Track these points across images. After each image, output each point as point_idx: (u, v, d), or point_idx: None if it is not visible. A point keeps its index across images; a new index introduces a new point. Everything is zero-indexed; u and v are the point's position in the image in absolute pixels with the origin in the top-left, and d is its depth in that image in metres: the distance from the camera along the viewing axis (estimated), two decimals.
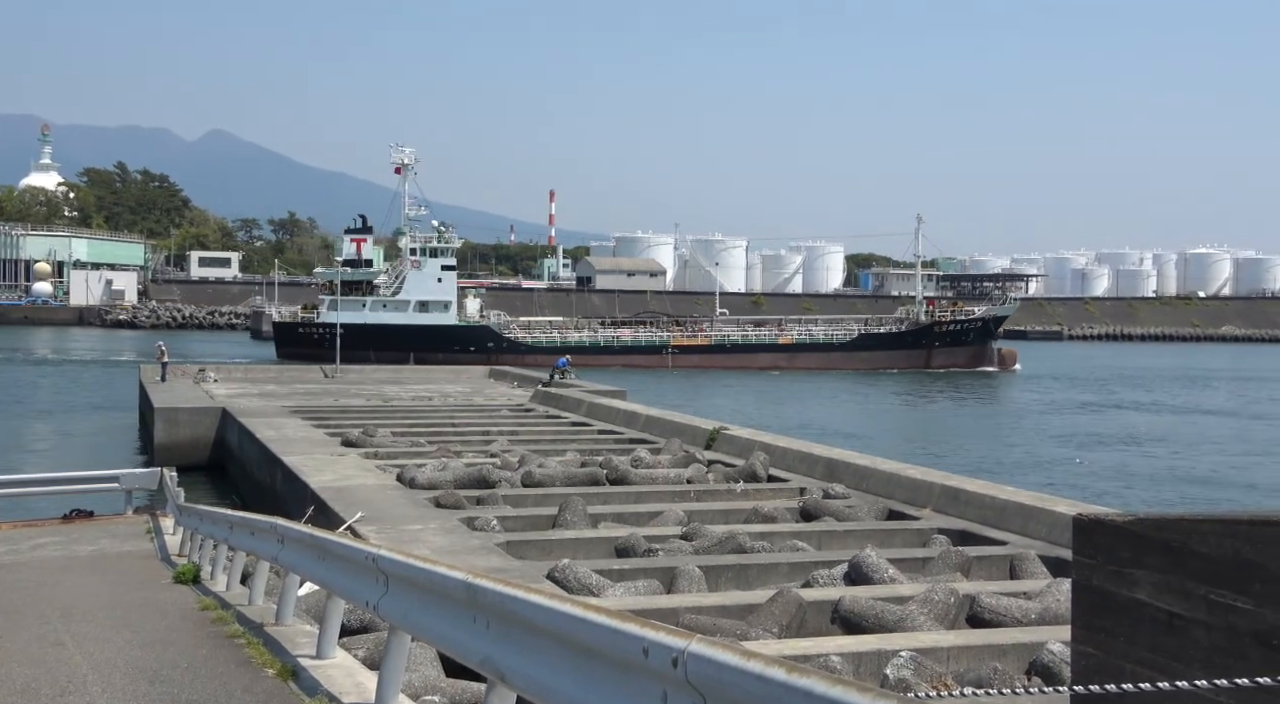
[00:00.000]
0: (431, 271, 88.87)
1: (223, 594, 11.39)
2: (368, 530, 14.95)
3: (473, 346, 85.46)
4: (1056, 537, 14.34)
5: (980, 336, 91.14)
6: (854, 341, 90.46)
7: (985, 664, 9.85)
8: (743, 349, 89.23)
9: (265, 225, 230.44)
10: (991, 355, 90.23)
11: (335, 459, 22.51)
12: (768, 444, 22.92)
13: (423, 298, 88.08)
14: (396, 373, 51.20)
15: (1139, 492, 32.59)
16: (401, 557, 6.56)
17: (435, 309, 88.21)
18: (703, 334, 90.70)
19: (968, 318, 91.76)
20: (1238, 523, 4.49)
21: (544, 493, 18.96)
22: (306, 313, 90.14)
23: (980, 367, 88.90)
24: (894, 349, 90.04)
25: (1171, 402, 64.27)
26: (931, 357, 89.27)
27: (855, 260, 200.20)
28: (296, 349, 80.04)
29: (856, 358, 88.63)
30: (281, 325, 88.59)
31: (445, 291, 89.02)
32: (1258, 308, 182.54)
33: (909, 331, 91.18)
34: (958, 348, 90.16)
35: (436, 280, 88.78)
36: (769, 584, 13.05)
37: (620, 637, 3.72)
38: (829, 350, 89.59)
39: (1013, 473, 34.34)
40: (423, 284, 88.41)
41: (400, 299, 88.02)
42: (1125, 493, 32.08)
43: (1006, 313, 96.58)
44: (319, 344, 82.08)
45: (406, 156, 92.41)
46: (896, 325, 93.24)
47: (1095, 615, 5.15)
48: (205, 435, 33.63)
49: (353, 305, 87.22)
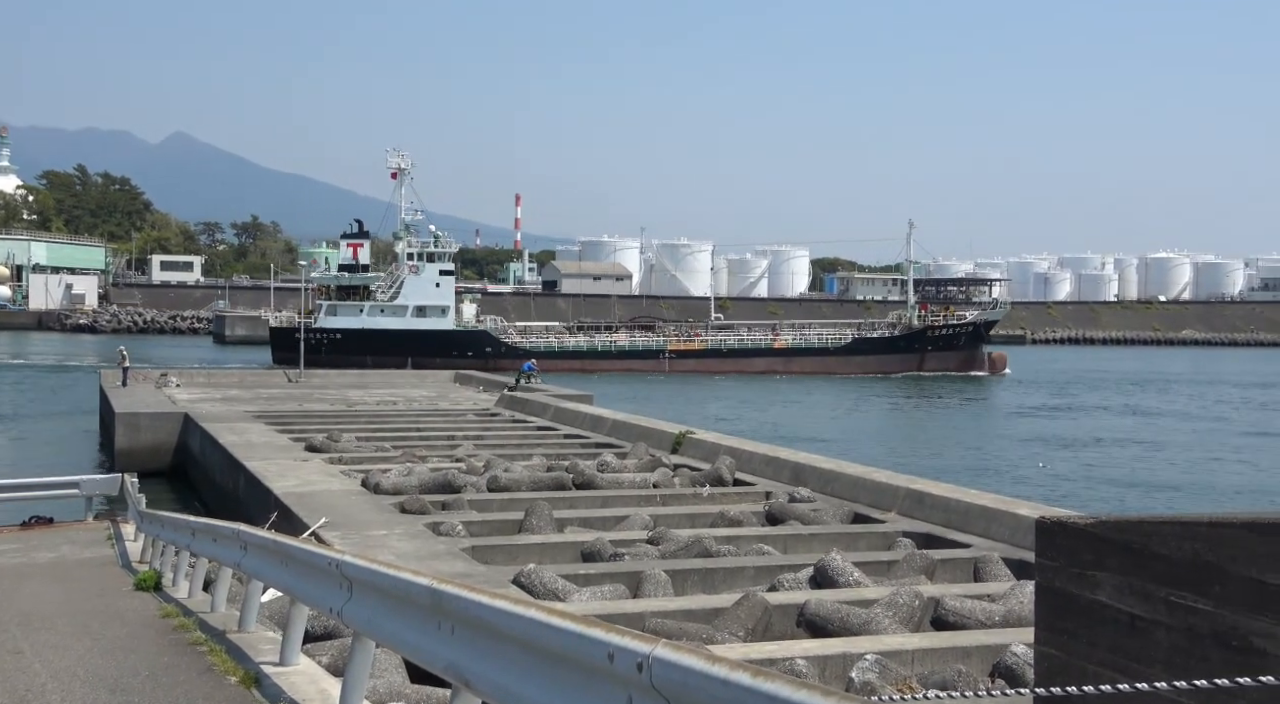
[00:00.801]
0: (429, 276, 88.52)
1: (185, 601, 11.29)
2: (332, 536, 14.86)
3: (470, 351, 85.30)
4: (1019, 539, 14.44)
5: (971, 341, 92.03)
6: (849, 346, 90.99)
7: (950, 666, 9.91)
8: (739, 353, 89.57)
9: (228, 229, 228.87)
10: (982, 359, 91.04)
11: (299, 464, 22.37)
12: (734, 448, 22.96)
13: (420, 303, 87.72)
14: (361, 377, 50.94)
15: (1111, 494, 32.89)
16: (365, 562, 6.52)
17: (433, 314, 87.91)
18: (699, 338, 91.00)
19: (959, 322, 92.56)
20: (1197, 525, 4.53)
21: (509, 498, 18.90)
22: (304, 318, 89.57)
23: (971, 371, 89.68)
24: (888, 353, 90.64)
25: (1147, 405, 64.85)
26: (924, 361, 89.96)
27: (821, 264, 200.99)
28: (293, 354, 79.46)
29: (851, 362, 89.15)
30: (278, 330, 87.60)
31: (443, 296, 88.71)
32: (1217, 311, 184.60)
33: (902, 336, 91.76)
34: (949, 352, 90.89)
35: (434, 285, 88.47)
36: (735, 588, 13.06)
37: (585, 642, 3.71)
38: (824, 354, 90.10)
39: (991, 476, 34.65)
40: (421, 289, 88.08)
41: (398, 304, 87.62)
42: (1108, 495, 32.37)
43: (997, 317, 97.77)
44: (317, 349, 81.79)
45: (403, 161, 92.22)
46: (889, 330, 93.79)
47: (1057, 617, 5.18)
48: (167, 441, 33.34)
49: (350, 310, 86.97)
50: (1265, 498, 33.20)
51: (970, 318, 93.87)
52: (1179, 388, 79.02)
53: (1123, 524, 4.94)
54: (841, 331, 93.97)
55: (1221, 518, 4.50)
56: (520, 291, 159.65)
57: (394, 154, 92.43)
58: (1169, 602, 4.59)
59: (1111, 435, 48.82)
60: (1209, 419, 57.48)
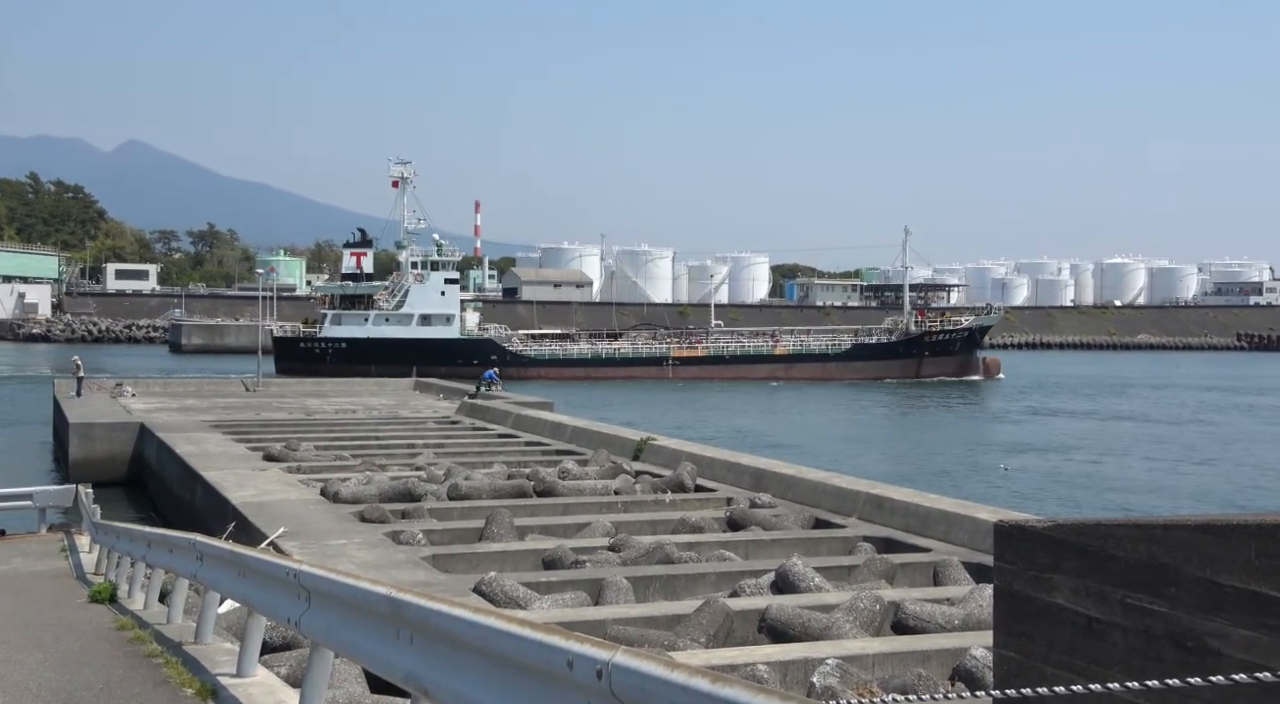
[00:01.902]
0: (435, 285, 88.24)
1: (140, 613, 11.16)
2: (290, 546, 14.74)
3: (476, 360, 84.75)
4: (979, 543, 14.53)
5: (966, 346, 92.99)
6: (848, 352, 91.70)
7: (910, 670, 9.95)
8: (741, 360, 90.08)
9: (184, 237, 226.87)
10: (977, 364, 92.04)
11: (257, 474, 22.17)
12: (695, 454, 22.98)
13: (426, 311, 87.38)
14: (319, 386, 50.58)
15: (1086, 496, 33.17)
16: (324, 572, 6.47)
17: (438, 323, 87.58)
18: (701, 346, 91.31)
19: (955, 328, 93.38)
20: (1152, 528, 4.57)
21: (470, 506, 18.83)
22: (308, 327, 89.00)
23: (967, 376, 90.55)
24: (886, 359, 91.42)
25: (1120, 409, 65.37)
26: (921, 366, 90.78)
27: (780, 271, 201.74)
28: (297, 364, 78.80)
29: (851, 368, 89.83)
30: (282, 340, 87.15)
31: (449, 305, 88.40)
32: (1171, 316, 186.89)
33: (900, 342, 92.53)
34: (946, 357, 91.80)
35: (440, 294, 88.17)
36: (696, 594, 13.07)
37: (544, 649, 3.70)
38: (825, 360, 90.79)
39: (977, 481, 34.91)
40: (426, 298, 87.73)
41: (403, 313, 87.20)
42: (1082, 498, 32.64)
43: (991, 323, 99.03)
44: (320, 359, 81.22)
45: (405, 171, 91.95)
46: (886, 336, 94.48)
47: (1016, 620, 5.21)
48: (122, 451, 32.96)
49: (355, 319, 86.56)
50: (1223, 501, 33.57)
51: (966, 323, 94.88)
52: (1172, 394, 79.31)
53: (1079, 527, 4.98)
54: (840, 338, 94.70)
55: (1176, 521, 4.55)
56: (480, 298, 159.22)
57: (396, 163, 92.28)
58: (1125, 603, 4.63)
59: (1111, 439, 49.21)
60: (1184, 423, 58.07)
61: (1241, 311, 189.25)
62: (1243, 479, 38.13)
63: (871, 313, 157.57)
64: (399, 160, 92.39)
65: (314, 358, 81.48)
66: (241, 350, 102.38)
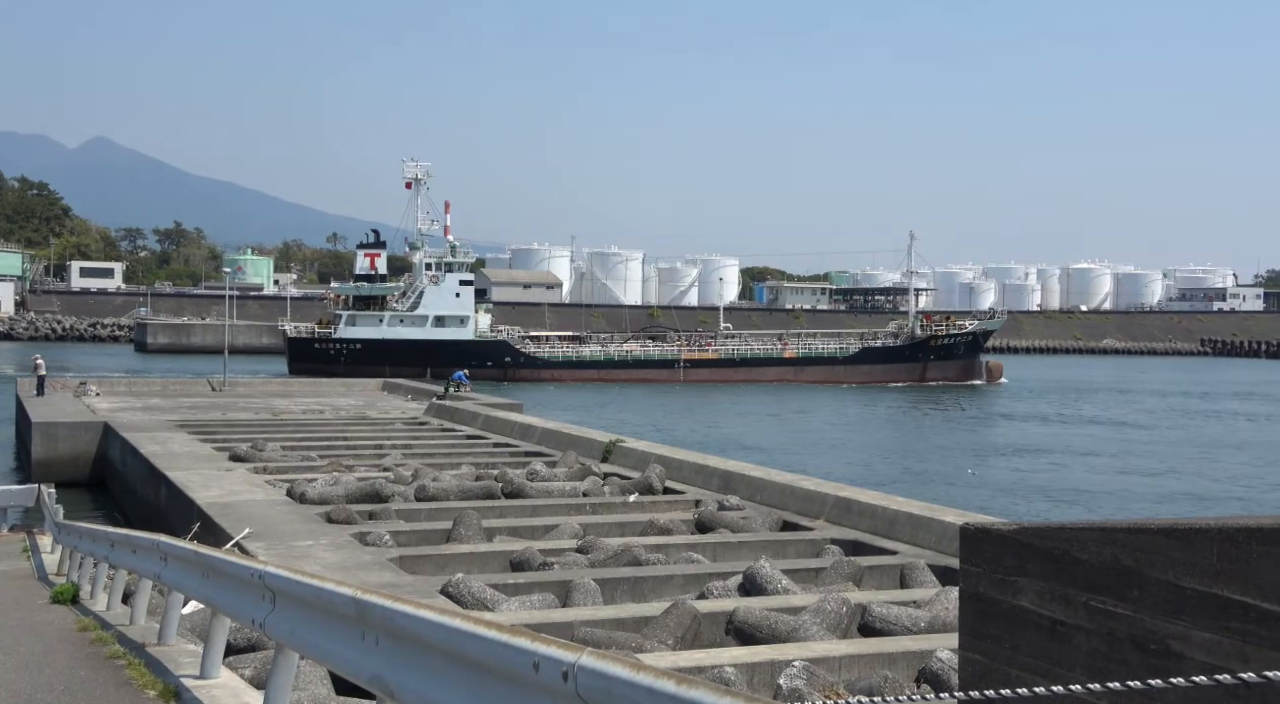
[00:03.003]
0: (450, 286, 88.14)
1: (103, 614, 11.05)
2: (256, 547, 14.65)
3: (490, 361, 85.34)
4: (945, 546, 14.61)
5: (970, 350, 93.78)
6: (856, 355, 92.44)
7: (876, 672, 9.99)
8: (751, 363, 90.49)
9: (150, 235, 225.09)
10: (980, 368, 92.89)
11: (222, 474, 22.02)
12: (664, 456, 22.99)
13: (440, 312, 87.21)
14: (286, 386, 50.29)
15: (1066, 500, 33.40)
16: (288, 573, 6.43)
17: (452, 324, 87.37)
18: (711, 349, 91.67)
19: (960, 332, 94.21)
20: (1117, 531, 4.60)
21: (438, 507, 18.77)
22: (323, 328, 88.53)
23: (970, 379, 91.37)
24: (892, 362, 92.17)
25: (1134, 417, 65.73)
26: (926, 370, 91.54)
27: (750, 274, 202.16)
28: (311, 365, 78.22)
29: (859, 371, 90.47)
30: (297, 341, 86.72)
31: (463, 306, 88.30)
32: (1136, 321, 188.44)
33: (905, 346, 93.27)
34: (949, 361, 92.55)
35: (455, 295, 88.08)
36: (664, 596, 13.08)
37: (510, 651, 3.69)
38: (833, 364, 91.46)
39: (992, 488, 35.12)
40: (441, 299, 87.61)
41: (418, 314, 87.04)
42: (1064, 502, 32.86)
43: (994, 327, 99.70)
44: (335, 359, 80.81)
45: (420, 171, 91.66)
46: (891, 339, 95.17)
47: (981, 623, 5.24)
48: (86, 451, 32.66)
49: (370, 320, 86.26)
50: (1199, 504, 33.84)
51: (970, 328, 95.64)
52: (1136, 397, 79.73)
53: (1044, 530, 5.01)
54: (846, 342, 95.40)
55: (1139, 524, 4.58)
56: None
57: (410, 164, 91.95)
58: (1089, 606, 4.66)
59: (1112, 443, 49.54)
60: (1177, 427, 58.54)
61: (1205, 317, 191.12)
62: (1212, 482, 38.52)
63: (841, 317, 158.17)
64: (413, 160, 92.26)
65: (329, 359, 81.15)
66: (208, 350, 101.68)
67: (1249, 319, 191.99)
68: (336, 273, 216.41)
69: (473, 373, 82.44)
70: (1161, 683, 3.18)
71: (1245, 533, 4.05)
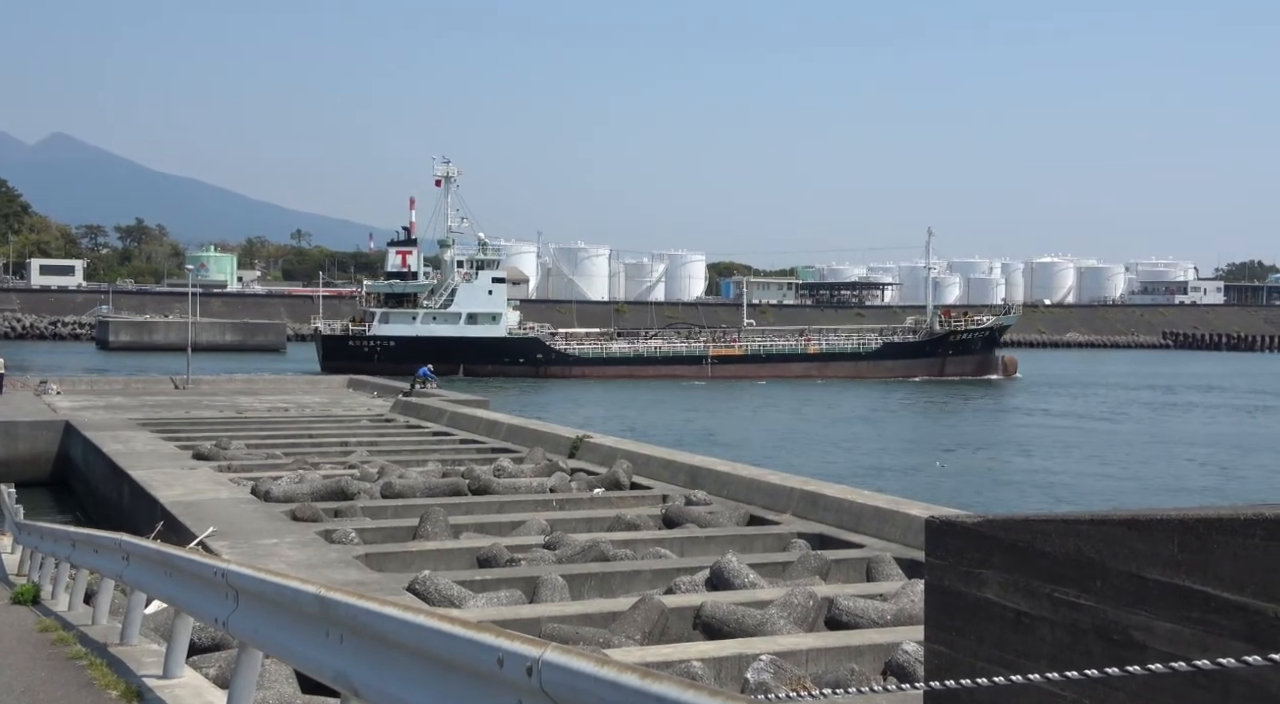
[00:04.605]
0: (483, 284, 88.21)
1: (65, 614, 10.94)
2: (220, 545, 14.54)
3: (522, 359, 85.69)
4: (911, 539, 14.67)
5: (986, 345, 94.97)
6: (878, 351, 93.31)
7: (843, 665, 10.02)
8: (777, 358, 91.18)
9: (112, 232, 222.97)
10: (996, 363, 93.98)
11: (186, 473, 21.84)
12: (631, 452, 22.99)
13: (473, 310, 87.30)
14: (250, 384, 49.94)
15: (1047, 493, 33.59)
16: (251, 571, 6.38)
17: (484, 321, 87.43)
18: (737, 345, 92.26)
19: (978, 327, 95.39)
20: (1079, 523, 4.64)
21: (404, 504, 18.69)
22: (356, 326, 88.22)
23: (986, 374, 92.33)
24: (913, 358, 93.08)
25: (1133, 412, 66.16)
26: (945, 365, 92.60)
27: (717, 269, 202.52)
28: (345, 362, 77.64)
29: (881, 367, 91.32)
30: (330, 338, 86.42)
31: (496, 304, 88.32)
32: (1099, 315, 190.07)
33: (925, 341, 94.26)
34: (967, 356, 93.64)
35: (487, 293, 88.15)
36: (631, 591, 13.07)
37: (474, 647, 3.67)
38: (856, 359, 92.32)
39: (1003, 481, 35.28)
40: (474, 296, 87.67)
41: (451, 312, 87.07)
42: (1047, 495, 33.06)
43: (1010, 322, 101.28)
44: (369, 357, 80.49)
45: (449, 170, 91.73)
46: (910, 335, 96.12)
47: (946, 615, 5.26)
48: (47, 450, 32.33)
49: (403, 317, 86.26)
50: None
51: (988, 323, 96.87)
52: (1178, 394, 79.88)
53: (1008, 523, 5.04)
54: (866, 337, 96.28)
55: (1102, 516, 4.61)
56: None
57: (440, 162, 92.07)
58: (1053, 598, 4.69)
59: (1119, 437, 49.83)
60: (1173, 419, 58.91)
61: (1167, 310, 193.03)
62: (1184, 474, 38.89)
63: (807, 312, 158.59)
64: (443, 159, 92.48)
65: (362, 356, 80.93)
66: (171, 347, 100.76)
67: (1210, 312, 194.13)
68: (301, 270, 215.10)
69: (505, 370, 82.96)
70: (1119, 671, 3.20)
71: (1205, 524, 4.08)
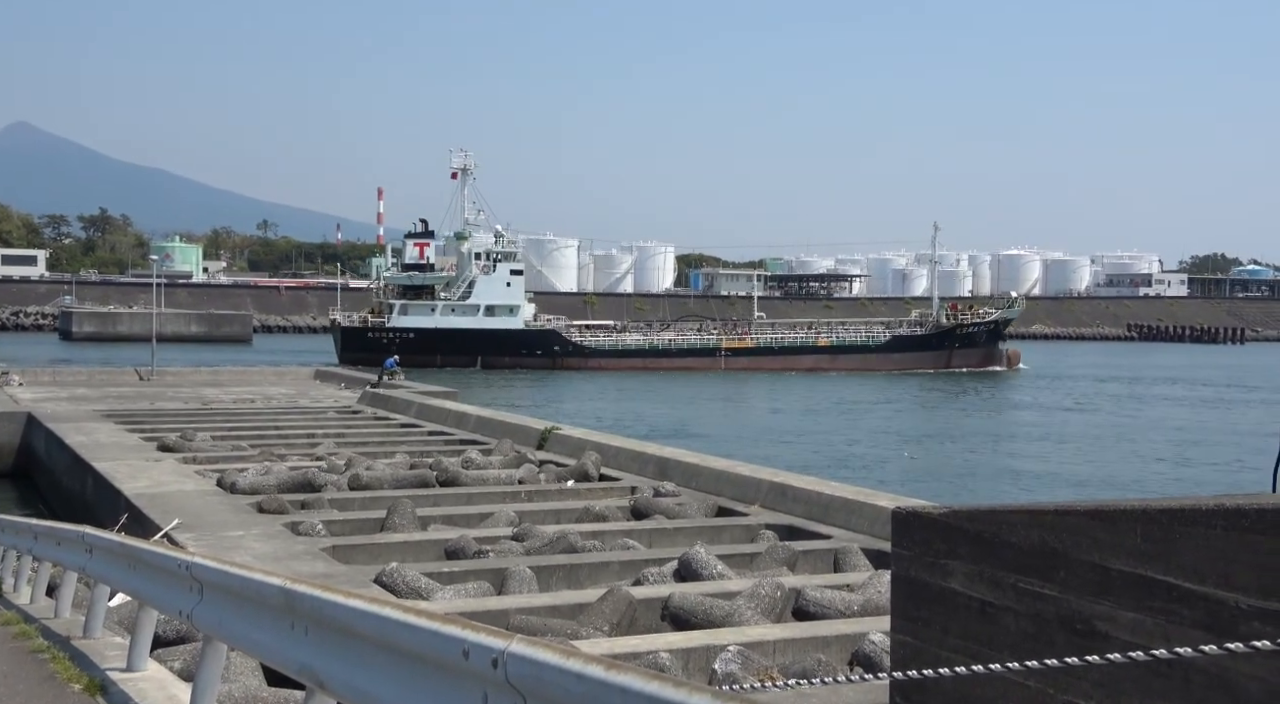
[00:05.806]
0: (501, 276, 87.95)
1: (26, 607, 10.83)
2: (186, 538, 14.43)
3: (539, 351, 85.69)
4: (878, 530, 14.73)
5: (991, 338, 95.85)
6: (887, 344, 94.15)
7: (810, 656, 10.06)
8: (789, 351, 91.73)
9: (75, 222, 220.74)
10: (1000, 355, 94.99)
11: (151, 464, 21.66)
12: (599, 443, 22.98)
13: (491, 302, 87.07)
14: (215, 375, 49.60)
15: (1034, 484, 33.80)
16: (216, 563, 6.34)
17: (501, 313, 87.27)
18: (749, 337, 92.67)
19: (983, 320, 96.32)
20: (1044, 514, 4.66)
21: (372, 496, 18.61)
22: (374, 317, 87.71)
23: (990, 366, 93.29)
24: (921, 351, 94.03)
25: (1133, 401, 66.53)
26: (951, 357, 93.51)
27: (686, 260, 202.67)
28: (363, 354, 77.03)
29: (890, 359, 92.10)
30: (349, 330, 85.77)
31: (514, 296, 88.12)
32: (1065, 307, 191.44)
33: (932, 334, 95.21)
34: (972, 349, 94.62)
35: (506, 285, 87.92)
36: (600, 583, 13.07)
37: (440, 639, 3.66)
38: (866, 351, 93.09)
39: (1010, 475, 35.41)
40: (492, 288, 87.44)
41: (469, 304, 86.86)
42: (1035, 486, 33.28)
43: (1014, 315, 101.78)
44: (387, 349, 79.97)
45: (466, 161, 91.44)
46: (917, 328, 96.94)
47: (913, 605, 5.29)
48: (8, 442, 31.98)
49: (421, 310, 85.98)
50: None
51: (993, 316, 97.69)
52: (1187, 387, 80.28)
53: (974, 514, 5.06)
54: (875, 330, 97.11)
55: (1066, 507, 4.64)
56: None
57: (456, 153, 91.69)
58: (1017, 588, 4.72)
59: (1122, 428, 50.15)
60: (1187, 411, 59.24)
61: (1131, 302, 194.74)
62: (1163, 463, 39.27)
63: (776, 303, 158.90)
64: (460, 150, 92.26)
65: (381, 348, 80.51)
66: (135, 338, 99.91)
67: (1174, 304, 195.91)
68: (267, 261, 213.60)
69: (522, 362, 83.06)
70: (1078, 660, 3.22)
71: (1168, 514, 4.12)
